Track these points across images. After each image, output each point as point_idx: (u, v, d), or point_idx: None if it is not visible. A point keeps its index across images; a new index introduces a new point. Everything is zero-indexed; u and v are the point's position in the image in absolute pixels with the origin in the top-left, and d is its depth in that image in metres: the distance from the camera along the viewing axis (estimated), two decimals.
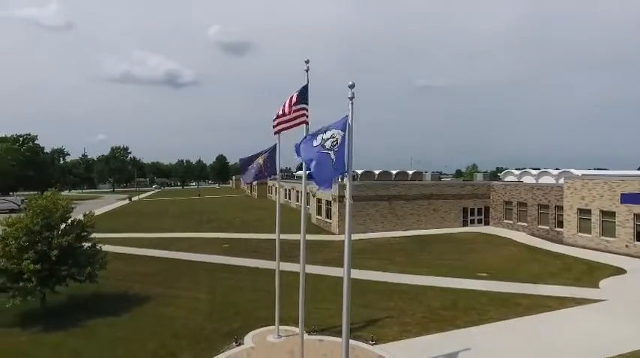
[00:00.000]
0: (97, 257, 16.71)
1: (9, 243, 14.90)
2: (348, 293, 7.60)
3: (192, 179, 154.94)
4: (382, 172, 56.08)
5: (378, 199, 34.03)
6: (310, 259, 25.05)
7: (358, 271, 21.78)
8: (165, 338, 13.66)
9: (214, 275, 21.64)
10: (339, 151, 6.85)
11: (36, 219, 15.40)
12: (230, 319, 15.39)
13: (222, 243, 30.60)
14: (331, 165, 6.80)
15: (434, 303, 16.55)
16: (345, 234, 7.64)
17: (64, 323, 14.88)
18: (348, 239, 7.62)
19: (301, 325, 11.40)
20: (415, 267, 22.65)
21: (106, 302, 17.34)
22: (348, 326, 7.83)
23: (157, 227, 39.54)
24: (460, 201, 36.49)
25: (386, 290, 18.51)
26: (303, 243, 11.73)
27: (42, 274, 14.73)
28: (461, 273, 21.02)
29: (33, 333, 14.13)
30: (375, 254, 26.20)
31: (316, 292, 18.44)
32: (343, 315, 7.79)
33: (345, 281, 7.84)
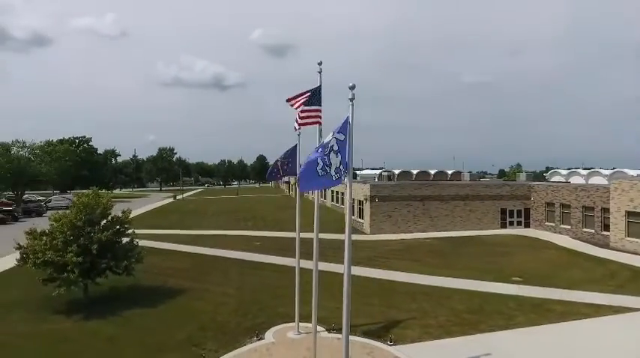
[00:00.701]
0: (134, 251, 17.80)
1: (56, 237, 16.22)
2: (348, 290, 7.70)
3: (234, 178, 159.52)
4: (420, 172, 55.19)
5: (411, 199, 33.54)
6: (338, 258, 25.24)
7: (385, 272, 21.72)
8: (192, 330, 14.34)
9: (243, 272, 22.33)
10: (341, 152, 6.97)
11: (79, 215, 16.66)
12: (254, 314, 15.86)
13: (255, 240, 31.42)
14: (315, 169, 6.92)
15: (459, 306, 16.18)
16: (346, 233, 7.75)
17: (103, 312, 15.98)
18: (348, 238, 7.73)
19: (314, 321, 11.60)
20: (445, 269, 22.18)
21: (142, 294, 18.39)
22: (348, 324, 7.92)
23: (196, 224, 41.24)
24: (498, 202, 35.17)
25: (412, 291, 18.30)
26: (316, 240, 11.92)
27: (84, 266, 15.92)
28: (492, 277, 20.35)
29: (75, 321, 15.31)
30: (405, 255, 25.91)
31: (339, 291, 18.50)
32: (343, 314, 7.90)
33: (345, 280, 7.93)
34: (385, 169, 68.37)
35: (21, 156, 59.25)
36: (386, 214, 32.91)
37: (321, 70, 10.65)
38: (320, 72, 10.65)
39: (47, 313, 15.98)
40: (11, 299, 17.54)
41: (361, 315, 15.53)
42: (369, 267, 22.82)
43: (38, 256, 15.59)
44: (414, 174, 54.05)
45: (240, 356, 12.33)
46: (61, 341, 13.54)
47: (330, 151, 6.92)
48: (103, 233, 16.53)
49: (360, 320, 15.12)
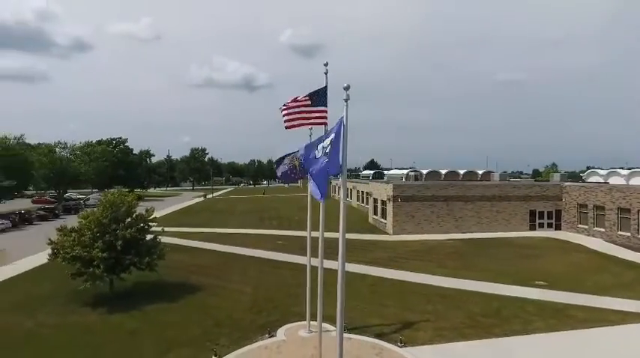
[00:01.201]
0: (156, 248, 18.52)
1: (84, 234, 17.15)
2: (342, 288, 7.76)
3: (264, 178, 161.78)
4: (449, 172, 54.12)
5: (435, 200, 32.96)
6: (357, 258, 25.26)
7: (403, 272, 21.52)
8: (208, 326, 14.79)
9: (263, 270, 22.72)
10: (331, 154, 7.07)
11: (105, 212, 17.52)
12: (269, 312, 16.14)
13: (277, 239, 31.83)
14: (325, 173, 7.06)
15: (475, 309, 15.84)
16: (340, 232, 7.82)
17: (126, 306, 16.74)
18: (342, 237, 7.80)
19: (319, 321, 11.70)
20: (465, 271, 21.73)
21: (164, 290, 19.09)
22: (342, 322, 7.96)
23: (223, 223, 42.21)
24: (527, 203, 33.96)
25: (428, 293, 18.07)
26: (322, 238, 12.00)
27: (109, 262, 16.73)
28: (514, 280, 19.75)
29: (100, 314, 16.12)
30: (425, 256, 25.54)
31: (354, 291, 18.57)
32: (337, 311, 7.95)
33: (339, 278, 8.00)
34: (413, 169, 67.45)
35: (62, 157, 62.65)
36: (409, 214, 32.52)
37: (327, 71, 10.74)
38: (326, 73, 10.74)
39: (75, 306, 16.91)
40: (45, 292, 18.67)
41: (374, 316, 15.52)
42: (387, 267, 22.67)
43: (67, 251, 16.54)
44: (443, 174, 53.03)
45: (250, 352, 12.61)
46: (86, 333, 14.31)
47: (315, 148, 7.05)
48: (127, 230, 17.29)
49: (373, 320, 15.11)
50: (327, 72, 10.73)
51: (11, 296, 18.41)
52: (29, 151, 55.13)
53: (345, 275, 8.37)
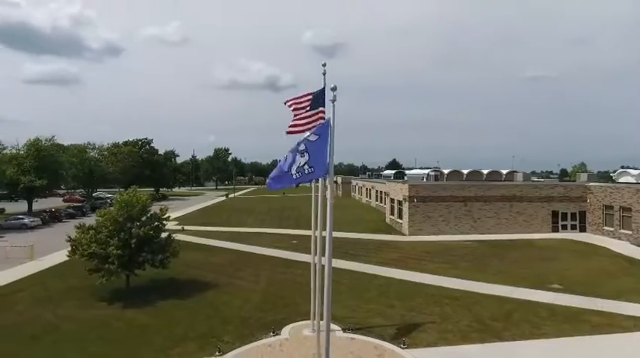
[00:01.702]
0: (169, 246, 19.06)
1: (100, 231, 17.85)
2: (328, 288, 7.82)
3: None
4: (472, 172, 53.09)
5: (453, 200, 32.41)
6: (369, 258, 25.19)
7: (414, 273, 21.31)
8: (215, 323, 15.12)
9: (275, 269, 22.98)
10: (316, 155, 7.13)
11: (121, 211, 18.17)
12: (277, 310, 16.33)
13: (293, 239, 32.06)
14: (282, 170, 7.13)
15: (485, 312, 15.54)
16: (327, 232, 7.88)
17: (140, 302, 17.29)
18: (329, 236, 7.86)
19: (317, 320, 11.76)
20: (479, 273, 21.31)
21: (178, 286, 19.61)
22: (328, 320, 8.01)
23: (241, 222, 42.84)
24: (549, 204, 32.89)
25: (438, 294, 17.84)
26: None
27: (123, 259, 17.34)
28: (530, 283, 19.24)
29: (115, 308, 16.74)
30: (439, 257, 25.18)
31: (364, 291, 18.58)
32: (324, 311, 8.01)
33: (325, 278, 8.05)
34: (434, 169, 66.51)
35: (91, 158, 65.05)
36: (425, 215, 32.10)
37: (325, 71, 10.81)
38: (324, 74, 10.81)
39: (93, 300, 17.61)
40: (67, 287, 19.51)
41: (380, 316, 15.47)
42: (398, 268, 22.50)
43: (85, 248, 17.25)
44: (465, 174, 52.04)
45: (253, 349, 12.83)
46: (100, 326, 14.90)
47: (296, 152, 7.12)
48: (141, 228, 17.87)
49: (379, 321, 15.08)
50: (324, 72, 10.81)
51: (35, 290, 19.33)
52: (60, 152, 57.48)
53: (331, 274, 8.41)
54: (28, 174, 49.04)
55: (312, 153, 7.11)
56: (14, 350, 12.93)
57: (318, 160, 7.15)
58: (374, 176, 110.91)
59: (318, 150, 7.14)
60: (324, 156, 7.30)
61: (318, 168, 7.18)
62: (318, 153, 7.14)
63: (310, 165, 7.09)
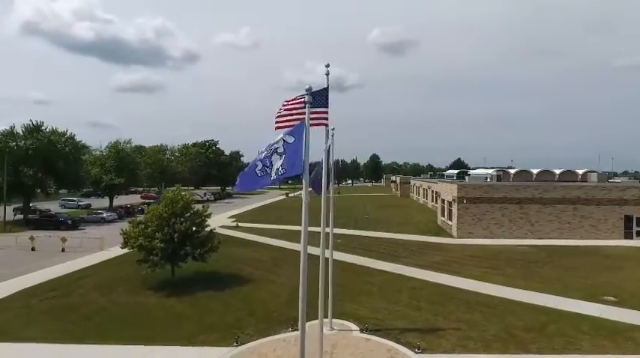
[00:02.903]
0: (209, 242, 20.31)
1: (149, 226, 19.56)
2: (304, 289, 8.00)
3: (347, 177, 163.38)
4: (542, 172, 49.54)
5: (507, 202, 30.44)
6: (410, 260, 24.59)
7: (453, 278, 20.50)
8: (242, 315, 15.89)
9: (311, 268, 23.23)
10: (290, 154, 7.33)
11: (166, 208, 19.74)
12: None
13: (337, 238, 32.25)
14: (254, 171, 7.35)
15: (517, 322, 14.57)
16: (302, 234, 8.04)
17: (181, 292, 18.67)
18: (304, 236, 8.02)
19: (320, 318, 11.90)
20: (526, 280, 19.92)
21: (218, 279, 20.79)
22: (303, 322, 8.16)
23: (293, 220, 43.81)
24: (621, 208, 29.55)
25: (472, 301, 17.04)
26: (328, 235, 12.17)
27: (166, 252, 18.85)
28: (581, 294, 17.61)
29: (158, 297, 18.25)
30: (485, 262, 23.88)
31: (395, 293, 18.29)
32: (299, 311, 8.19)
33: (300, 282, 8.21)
34: (499, 168, 62.80)
35: (163, 158, 70.86)
36: (475, 217, 30.54)
37: (328, 72, 10.93)
38: (327, 74, 10.93)
39: (142, 288, 19.34)
40: (123, 276, 21.60)
41: (404, 319, 15.19)
42: (438, 271, 21.78)
43: (133, 241, 19.03)
44: (534, 174, 48.64)
45: (268, 342, 13.33)
46: (142, 312, 16.37)
47: (273, 153, 7.35)
48: (183, 224, 19.28)
49: (400, 323, 14.83)
50: (328, 73, 10.92)
51: (97, 277, 21.67)
52: (137, 153, 63.44)
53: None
54: (108, 173, 54.76)
55: (289, 154, 7.34)
56: (67, 327, 14.70)
57: (292, 161, 7.37)
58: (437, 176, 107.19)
59: (293, 151, 7.36)
60: (300, 156, 7.50)
61: (290, 168, 7.39)
62: (293, 154, 7.36)
63: (284, 166, 7.32)
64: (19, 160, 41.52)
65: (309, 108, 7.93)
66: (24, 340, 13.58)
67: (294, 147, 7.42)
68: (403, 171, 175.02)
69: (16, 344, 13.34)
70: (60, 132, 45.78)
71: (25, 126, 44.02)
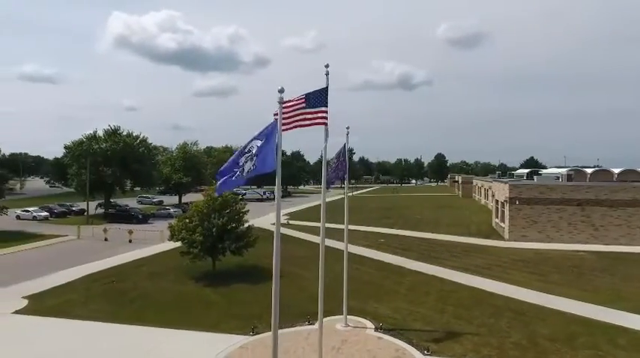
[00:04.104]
0: (246, 237, 21.48)
1: (192, 220, 21.21)
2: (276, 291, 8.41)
3: (410, 177, 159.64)
4: (625, 171, 45.11)
5: (565, 203, 28.03)
6: (449, 262, 23.77)
7: (489, 281, 19.66)
8: (266, 307, 16.59)
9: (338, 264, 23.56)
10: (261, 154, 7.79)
11: (207, 204, 21.27)
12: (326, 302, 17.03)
13: (381, 237, 32.11)
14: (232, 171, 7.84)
15: (544, 331, 13.67)
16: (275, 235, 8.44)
17: (218, 283, 20.01)
18: (276, 238, 8.42)
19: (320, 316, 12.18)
20: (569, 287, 18.45)
21: (255, 273, 21.88)
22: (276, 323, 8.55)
23: (341, 218, 44.21)
24: None
25: (502, 306, 16.23)
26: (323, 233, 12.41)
27: (205, 245, 20.32)
28: (629, 305, 15.98)
29: (197, 286, 19.74)
30: (531, 267, 22.37)
31: (422, 295, 17.98)
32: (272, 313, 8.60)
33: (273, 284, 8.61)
34: (573, 167, 57.78)
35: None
36: (529, 219, 28.52)
37: (327, 72, 11.21)
38: (327, 74, 11.22)
39: (186, 278, 21.03)
40: (173, 266, 23.56)
41: (423, 320, 14.99)
42: (475, 274, 20.90)
43: (176, 234, 20.78)
44: (616, 174, 44.32)
45: (283, 334, 13.80)
46: (180, 298, 17.89)
47: (244, 156, 7.85)
48: (220, 220, 20.63)
49: (418, 325, 14.66)
50: (327, 73, 11.21)
51: (151, 266, 23.88)
52: (203, 154, 68.04)
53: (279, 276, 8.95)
54: (178, 173, 59.44)
55: (260, 154, 7.82)
56: (114, 309, 16.57)
57: (262, 159, 7.83)
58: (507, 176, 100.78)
59: (264, 151, 7.82)
60: (270, 155, 7.94)
61: (261, 165, 7.86)
62: (263, 154, 7.82)
63: (255, 164, 7.82)
64: (99, 161, 46.74)
65: (280, 108, 8.34)
66: (77, 317, 15.59)
67: (263, 147, 7.89)
68: (473, 171, 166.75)
69: (70, 320, 15.36)
70: (134, 136, 50.70)
71: (105, 130, 49.44)
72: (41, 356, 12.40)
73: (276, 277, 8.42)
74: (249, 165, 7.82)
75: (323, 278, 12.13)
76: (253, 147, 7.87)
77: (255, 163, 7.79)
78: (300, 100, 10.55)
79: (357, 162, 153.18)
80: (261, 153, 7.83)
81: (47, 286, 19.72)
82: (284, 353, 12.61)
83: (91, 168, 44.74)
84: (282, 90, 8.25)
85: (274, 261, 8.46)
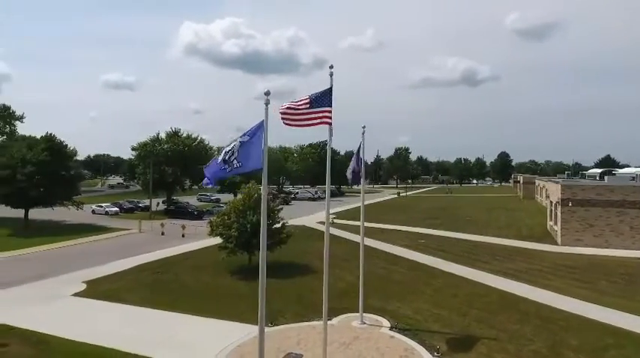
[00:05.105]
0: (279, 234, 22.30)
1: (230, 217, 22.47)
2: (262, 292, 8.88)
3: (471, 177, 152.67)
4: None
5: (626, 206, 25.51)
6: (488, 266, 22.77)
7: (526, 287, 18.73)
8: (290, 301, 17.31)
9: (379, 264, 23.61)
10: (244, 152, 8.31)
11: (242, 201, 22.41)
12: (347, 300, 17.35)
13: (422, 238, 31.46)
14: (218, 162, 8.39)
15: (570, 340, 12.83)
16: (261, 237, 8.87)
17: (251, 277, 20.84)
18: (263, 239, 8.85)
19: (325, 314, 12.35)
20: (616, 297, 16.99)
21: (289, 269, 22.60)
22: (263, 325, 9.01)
23: (389, 219, 43.81)
24: None
25: (532, 312, 15.42)
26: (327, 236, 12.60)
27: (240, 241, 21.42)
28: None
29: (233, 280, 20.88)
30: (578, 274, 20.80)
31: (448, 297, 17.58)
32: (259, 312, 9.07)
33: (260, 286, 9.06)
34: None
35: (280, 158, 77.28)
36: (585, 222, 26.34)
37: (332, 73, 11.47)
38: (331, 75, 11.48)
39: (223, 271, 22.28)
40: (213, 260, 24.96)
41: (441, 322, 14.76)
42: (512, 278, 19.97)
43: (215, 230, 22.14)
44: None
45: (299, 328, 14.47)
46: (214, 290, 19.08)
47: (230, 154, 8.41)
48: (254, 217, 21.63)
49: (436, 326, 14.46)
50: (332, 74, 11.46)
51: (195, 260, 25.57)
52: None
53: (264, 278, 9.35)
54: None
55: (243, 151, 8.35)
56: (153, 296, 18.06)
57: (247, 157, 8.35)
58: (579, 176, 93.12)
59: (248, 149, 8.33)
60: (256, 152, 8.44)
61: (246, 164, 8.38)
62: (247, 151, 8.34)
63: (239, 160, 8.35)
64: (162, 161, 50.58)
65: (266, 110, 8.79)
66: (122, 302, 17.29)
67: (248, 145, 8.42)
68: (542, 171, 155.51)
69: (116, 303, 17.09)
70: (193, 137, 54.17)
71: (166, 132, 53.38)
72: (85, 332, 14.01)
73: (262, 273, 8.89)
74: (235, 162, 8.38)
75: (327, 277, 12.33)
76: (237, 145, 8.43)
77: (239, 159, 8.34)
78: (304, 101, 10.96)
79: (415, 161, 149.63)
80: (244, 151, 8.36)
81: (104, 273, 22.01)
82: (296, 343, 13.15)
83: (154, 168, 48.56)
84: (268, 92, 8.73)
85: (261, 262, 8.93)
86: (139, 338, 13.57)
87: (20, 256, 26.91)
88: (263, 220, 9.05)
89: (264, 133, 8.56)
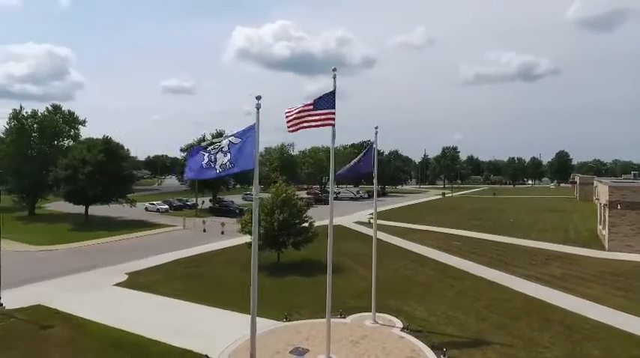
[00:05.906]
0: (304, 233, 22.84)
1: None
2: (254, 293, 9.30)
3: (525, 177, 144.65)
4: None
5: None
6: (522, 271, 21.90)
7: (558, 294, 17.93)
8: (310, 299, 17.70)
9: (407, 265, 23.42)
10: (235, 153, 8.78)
11: (271, 200, 23.20)
12: (365, 299, 17.46)
13: (457, 240, 30.63)
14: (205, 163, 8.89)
15: (592, 350, 12.16)
16: (253, 239, 9.30)
17: (278, 274, 21.72)
18: (255, 242, 9.29)
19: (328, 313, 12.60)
20: None
21: (316, 267, 22.92)
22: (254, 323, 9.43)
23: (428, 219, 42.92)
24: None
25: (554, 319, 14.74)
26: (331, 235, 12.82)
27: (268, 238, 22.21)
28: None
29: (259, 276, 21.28)
30: (618, 281, 19.43)
31: (471, 300, 17.33)
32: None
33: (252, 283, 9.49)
34: None
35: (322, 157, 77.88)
36: (636, 227, 24.33)
37: (335, 75, 11.71)
38: (334, 77, 11.71)
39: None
40: (246, 256, 25.65)
41: (455, 326, 14.54)
42: (543, 284, 19.09)
43: (245, 227, 23.10)
44: None
45: (311, 323, 14.83)
46: (241, 284, 19.65)
47: (218, 151, 8.91)
48: (281, 215, 22.32)
49: (450, 329, 14.27)
50: (335, 76, 11.72)
51: (228, 255, 26.71)
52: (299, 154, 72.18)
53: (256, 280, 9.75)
54: (275, 172, 64.24)
55: (234, 153, 8.84)
56: (184, 289, 19.21)
57: (237, 158, 8.82)
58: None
59: (238, 151, 8.79)
60: (247, 154, 8.87)
61: (238, 165, 8.85)
62: (237, 153, 8.80)
63: (232, 162, 8.84)
64: None
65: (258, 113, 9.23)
66: (157, 293, 18.61)
67: (238, 147, 8.91)
68: (608, 171, 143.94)
69: (151, 294, 18.44)
70: None
71: (211, 134, 55.99)
72: (118, 319, 15.33)
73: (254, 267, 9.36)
74: (225, 160, 8.88)
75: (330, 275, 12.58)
76: (226, 145, 8.95)
77: (231, 160, 8.85)
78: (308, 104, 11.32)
79: (465, 160, 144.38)
80: (235, 152, 8.86)
81: (144, 266, 23.73)
82: (305, 339, 13.55)
83: None
84: (260, 97, 9.19)
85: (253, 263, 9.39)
86: (164, 325, 14.63)
87: (77, 248, 29.65)
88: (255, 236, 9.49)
89: (256, 135, 9.02)
